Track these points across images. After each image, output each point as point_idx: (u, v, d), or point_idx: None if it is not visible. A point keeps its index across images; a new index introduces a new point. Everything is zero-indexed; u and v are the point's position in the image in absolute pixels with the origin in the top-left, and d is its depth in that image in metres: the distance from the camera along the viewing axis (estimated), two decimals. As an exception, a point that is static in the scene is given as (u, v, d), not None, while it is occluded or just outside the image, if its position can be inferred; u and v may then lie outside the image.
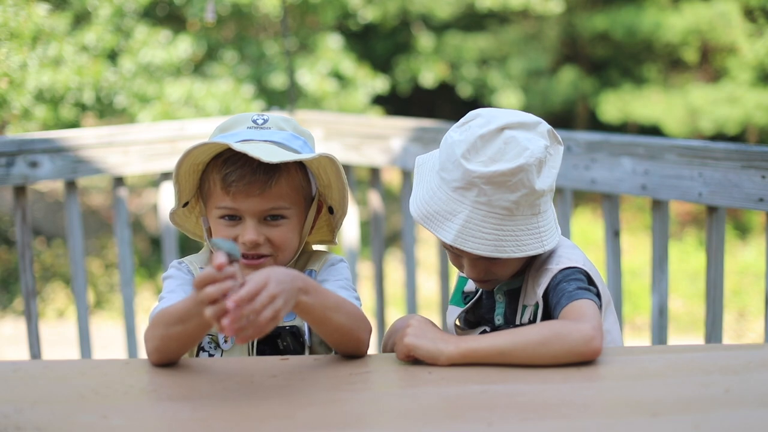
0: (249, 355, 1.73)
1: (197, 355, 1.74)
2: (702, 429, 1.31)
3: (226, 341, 1.73)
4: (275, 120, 1.74)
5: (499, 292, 1.78)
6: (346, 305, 1.61)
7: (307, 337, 1.75)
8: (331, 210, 1.82)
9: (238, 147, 1.60)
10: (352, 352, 1.64)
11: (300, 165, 1.72)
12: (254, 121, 1.73)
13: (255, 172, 1.65)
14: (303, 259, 1.83)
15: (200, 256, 1.83)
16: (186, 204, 1.79)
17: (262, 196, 1.66)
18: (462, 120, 1.71)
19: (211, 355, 1.73)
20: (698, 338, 2.99)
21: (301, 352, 1.74)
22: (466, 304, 1.85)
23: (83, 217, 4.05)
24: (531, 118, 1.67)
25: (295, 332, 1.73)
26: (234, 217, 1.69)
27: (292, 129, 1.75)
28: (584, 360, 1.53)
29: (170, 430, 1.35)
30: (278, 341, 1.73)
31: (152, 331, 1.58)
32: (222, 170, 1.67)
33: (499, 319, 1.77)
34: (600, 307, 1.63)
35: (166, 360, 1.59)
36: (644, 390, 1.46)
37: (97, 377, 1.54)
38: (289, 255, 1.74)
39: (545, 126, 1.67)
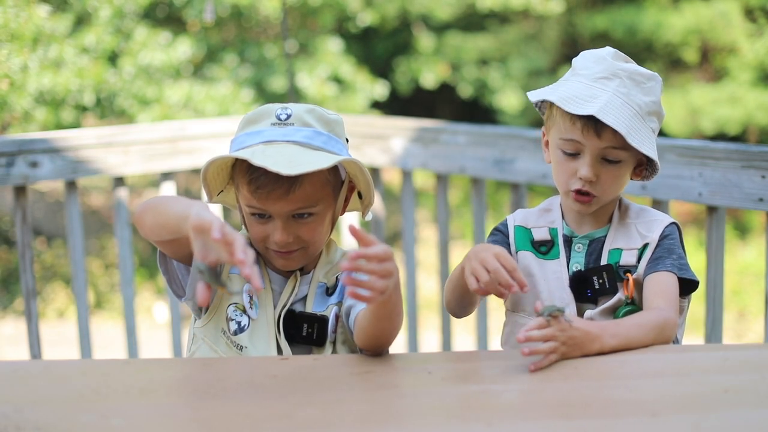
0: (276, 330, 1.75)
1: (227, 326, 1.75)
2: (702, 429, 1.31)
3: (251, 307, 1.75)
4: (298, 114, 1.73)
5: (581, 241, 1.85)
6: (401, 311, 1.64)
7: (330, 331, 1.77)
8: (359, 195, 1.86)
9: (258, 162, 1.61)
10: (378, 351, 1.67)
11: None
12: (278, 117, 1.73)
13: (277, 180, 1.66)
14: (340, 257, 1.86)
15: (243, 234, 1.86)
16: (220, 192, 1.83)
17: (287, 200, 1.69)
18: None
19: (237, 323, 1.74)
20: (698, 338, 2.99)
21: (322, 343, 1.76)
22: (541, 254, 1.87)
23: (83, 217, 4.05)
24: None
25: (321, 323, 1.76)
26: (264, 215, 1.72)
27: (317, 120, 1.74)
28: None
29: (170, 430, 1.35)
30: (304, 326, 1.75)
31: (147, 205, 1.64)
32: (247, 175, 1.70)
33: (577, 266, 1.83)
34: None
35: (147, 233, 1.65)
36: (644, 390, 1.46)
37: (97, 377, 1.54)
38: (321, 244, 1.79)
39: None
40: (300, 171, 1.62)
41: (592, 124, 1.75)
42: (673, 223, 1.85)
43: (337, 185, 1.78)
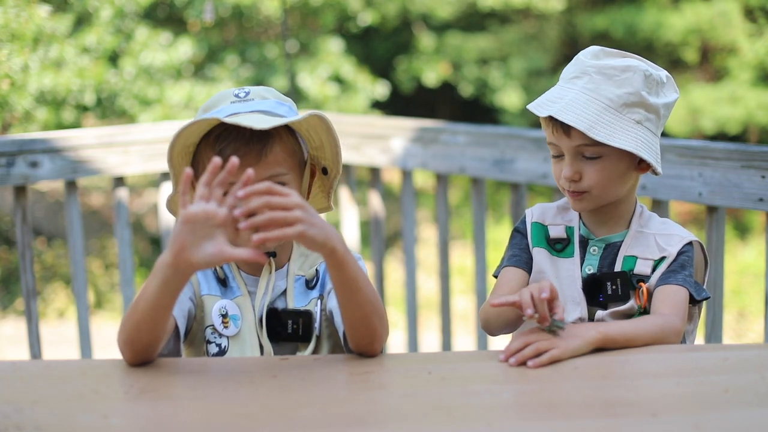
0: (258, 335, 1.73)
1: (206, 349, 1.74)
2: (702, 429, 1.31)
3: (226, 327, 1.74)
4: (257, 91, 1.75)
5: (597, 244, 1.86)
6: (372, 288, 1.61)
7: (317, 325, 1.75)
8: (324, 171, 1.83)
9: (230, 120, 1.62)
10: (366, 345, 1.63)
11: (290, 130, 1.73)
12: (237, 96, 1.73)
13: (248, 143, 1.65)
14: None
15: None
16: None
17: (260, 165, 1.66)
18: None
19: (218, 345, 1.73)
20: (698, 338, 2.99)
21: (308, 338, 1.74)
22: (556, 251, 1.88)
23: (83, 217, 4.05)
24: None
25: (306, 318, 1.74)
26: None
27: (275, 97, 1.76)
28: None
29: (170, 430, 1.35)
30: (289, 322, 1.73)
31: (123, 324, 1.57)
32: (215, 147, 1.67)
33: (590, 269, 1.84)
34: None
35: (139, 351, 1.56)
36: (644, 390, 1.46)
37: (97, 377, 1.54)
38: None
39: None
40: (272, 124, 1.62)
41: (559, 124, 1.76)
42: (693, 242, 1.84)
43: (302, 161, 1.77)
